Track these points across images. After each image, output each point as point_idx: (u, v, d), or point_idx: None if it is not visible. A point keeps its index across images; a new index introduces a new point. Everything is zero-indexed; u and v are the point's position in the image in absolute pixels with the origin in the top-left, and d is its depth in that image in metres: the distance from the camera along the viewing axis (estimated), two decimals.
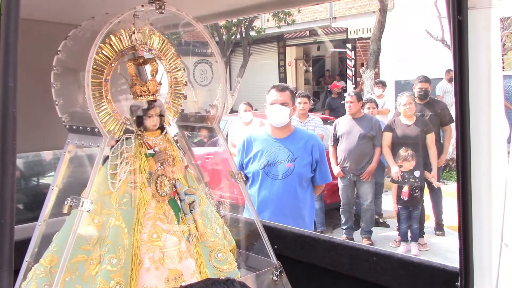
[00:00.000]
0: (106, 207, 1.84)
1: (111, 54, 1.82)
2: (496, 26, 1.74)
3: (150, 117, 1.92)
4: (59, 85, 1.87)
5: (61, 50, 1.89)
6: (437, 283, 2.12)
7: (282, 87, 3.82)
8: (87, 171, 1.80)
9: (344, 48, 19.47)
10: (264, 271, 2.19)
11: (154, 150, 1.94)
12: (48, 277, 1.81)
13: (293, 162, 3.72)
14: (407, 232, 6.66)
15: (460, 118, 1.78)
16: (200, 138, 10.10)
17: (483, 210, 1.81)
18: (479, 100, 1.76)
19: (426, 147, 6.61)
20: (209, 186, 2.38)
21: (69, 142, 1.92)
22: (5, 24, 0.74)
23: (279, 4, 2.38)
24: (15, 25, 0.77)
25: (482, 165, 1.79)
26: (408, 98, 6.70)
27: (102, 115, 1.81)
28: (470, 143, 1.78)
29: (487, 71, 1.74)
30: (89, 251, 1.84)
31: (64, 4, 2.25)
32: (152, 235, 1.86)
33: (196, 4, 2.41)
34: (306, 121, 7.21)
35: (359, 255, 2.42)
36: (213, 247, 2.05)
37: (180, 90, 2.09)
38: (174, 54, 2.02)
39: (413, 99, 6.77)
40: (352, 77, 18.38)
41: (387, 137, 6.80)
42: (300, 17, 18.89)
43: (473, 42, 1.73)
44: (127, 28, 1.86)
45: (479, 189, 1.80)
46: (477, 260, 1.85)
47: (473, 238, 1.83)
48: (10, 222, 0.86)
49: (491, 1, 1.72)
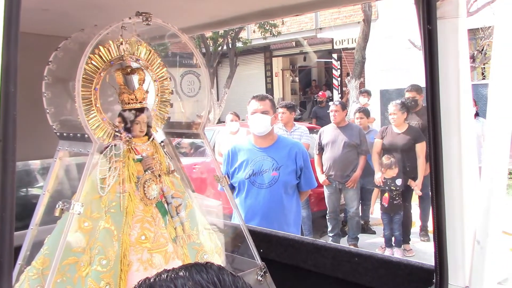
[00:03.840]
0: (96, 211, 1.92)
1: (100, 64, 1.91)
2: (463, 34, 1.86)
3: (138, 124, 2.00)
4: (50, 94, 1.95)
5: (52, 61, 1.97)
6: (415, 281, 2.21)
7: (262, 96, 3.91)
8: (77, 176, 1.87)
9: (330, 58, 19.69)
10: (249, 272, 2.27)
11: (141, 156, 2.02)
12: (40, 278, 1.87)
13: (277, 170, 3.79)
14: (391, 238, 6.77)
15: (432, 122, 1.88)
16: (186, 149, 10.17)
17: (456, 212, 1.90)
18: (449, 104, 1.86)
19: (414, 155, 6.70)
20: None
21: (60, 149, 1.99)
22: (7, 34, 0.83)
23: (260, 16, 2.48)
24: (15, 35, 0.86)
25: (453, 170, 1.89)
26: (394, 107, 6.79)
27: (92, 122, 1.89)
28: (442, 148, 1.88)
29: (456, 76, 1.85)
30: (79, 253, 1.90)
31: (54, 17, 2.33)
32: (140, 237, 1.94)
33: (180, 16, 2.50)
34: (292, 130, 7.31)
35: (341, 256, 2.50)
36: (199, 248, 2.12)
37: (166, 98, 2.18)
38: (160, 64, 2.11)
39: (399, 108, 6.83)
40: (338, 86, 18.57)
41: (377, 145, 6.91)
42: (286, 28, 19.07)
43: (442, 50, 1.84)
44: (115, 39, 1.94)
45: (452, 192, 1.90)
46: (451, 258, 1.94)
47: (447, 238, 1.93)
48: (10, 219, 0.94)
49: (458, 12, 1.83)
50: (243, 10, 2.47)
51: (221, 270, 0.89)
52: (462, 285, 1.94)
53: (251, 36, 20.30)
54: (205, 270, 0.87)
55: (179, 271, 0.87)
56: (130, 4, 2.03)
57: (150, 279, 0.87)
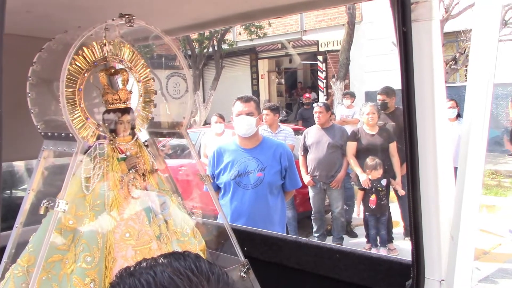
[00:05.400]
0: (80, 209, 1.95)
1: (84, 65, 1.94)
2: (437, 36, 1.92)
3: (122, 123, 2.04)
4: (34, 95, 1.98)
5: (36, 62, 2.00)
6: (393, 276, 2.26)
7: (247, 98, 3.96)
8: (61, 175, 1.90)
9: (316, 60, 19.80)
10: (232, 268, 2.31)
11: (125, 155, 2.06)
12: (26, 276, 1.90)
13: (262, 171, 3.84)
14: (376, 238, 6.85)
15: (407, 121, 1.94)
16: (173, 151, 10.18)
17: (431, 209, 1.96)
18: (424, 104, 1.92)
19: (389, 155, 6.82)
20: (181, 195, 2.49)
21: (45, 148, 2.02)
22: None
23: (242, 18, 2.52)
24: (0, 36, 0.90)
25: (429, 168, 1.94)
26: (372, 107, 6.91)
27: (76, 122, 1.92)
28: (417, 147, 1.94)
29: (430, 77, 1.91)
30: (64, 251, 1.93)
31: (37, 19, 2.35)
32: (124, 234, 1.97)
33: (163, 18, 2.54)
34: (277, 131, 7.37)
35: (322, 253, 2.55)
36: (183, 246, 2.16)
37: (150, 99, 2.22)
38: (144, 65, 2.15)
39: (377, 109, 6.97)
40: (323, 88, 18.69)
41: (352, 146, 6.97)
42: (271, 30, 19.15)
43: (417, 51, 1.90)
44: (99, 41, 1.98)
45: (427, 190, 1.95)
46: (427, 253, 2.01)
47: (423, 234, 2.00)
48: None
49: (432, 14, 1.89)
50: (226, 12, 2.52)
51: (198, 258, 0.93)
52: (438, 279, 2.00)
53: (237, 38, 20.35)
54: (183, 257, 0.92)
55: (158, 259, 0.92)
56: (114, 6, 2.07)
57: (131, 267, 0.91)
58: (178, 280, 0.85)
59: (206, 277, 0.88)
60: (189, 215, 2.35)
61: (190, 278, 0.86)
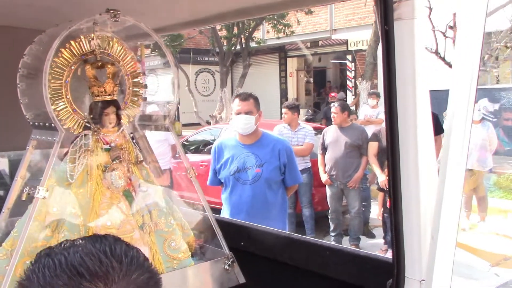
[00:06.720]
0: (64, 197, 2.02)
1: (71, 58, 2.01)
2: (419, 35, 1.91)
3: (107, 115, 2.10)
4: (24, 86, 2.06)
5: (26, 54, 2.08)
6: (380, 274, 2.25)
7: (246, 95, 3.96)
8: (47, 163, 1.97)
9: (345, 59, 19.68)
10: (216, 260, 2.33)
11: (110, 146, 2.12)
12: (9, 259, 1.97)
13: (261, 167, 3.86)
14: None
15: (389, 121, 1.93)
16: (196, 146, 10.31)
17: (412, 209, 1.96)
18: (406, 104, 1.91)
19: None
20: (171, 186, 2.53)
21: (33, 137, 2.10)
22: None
23: (237, 14, 2.55)
24: None
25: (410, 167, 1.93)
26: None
27: (62, 113, 2.00)
28: (399, 147, 1.93)
29: (412, 76, 1.90)
30: (49, 237, 2.00)
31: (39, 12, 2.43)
32: (106, 222, 2.03)
33: (159, 14, 2.59)
34: (297, 129, 7.37)
35: (314, 250, 2.56)
36: (167, 236, 2.20)
37: (137, 92, 2.27)
38: (132, 59, 2.20)
39: None
40: (352, 88, 18.56)
41: (373, 146, 6.93)
42: (300, 29, 19.12)
43: (399, 50, 1.89)
44: (87, 34, 2.04)
45: (408, 189, 1.95)
46: (408, 253, 2.00)
47: (404, 233, 1.99)
48: None
49: (414, 13, 1.88)
50: (221, 9, 2.55)
51: (116, 241, 0.97)
52: (418, 279, 1.99)
53: (266, 36, 20.38)
54: (99, 240, 0.96)
55: (77, 241, 0.96)
56: (114, 1, 2.12)
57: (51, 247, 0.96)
58: (88, 261, 0.89)
59: (119, 260, 0.92)
60: (177, 205, 2.39)
61: (101, 259, 0.90)
